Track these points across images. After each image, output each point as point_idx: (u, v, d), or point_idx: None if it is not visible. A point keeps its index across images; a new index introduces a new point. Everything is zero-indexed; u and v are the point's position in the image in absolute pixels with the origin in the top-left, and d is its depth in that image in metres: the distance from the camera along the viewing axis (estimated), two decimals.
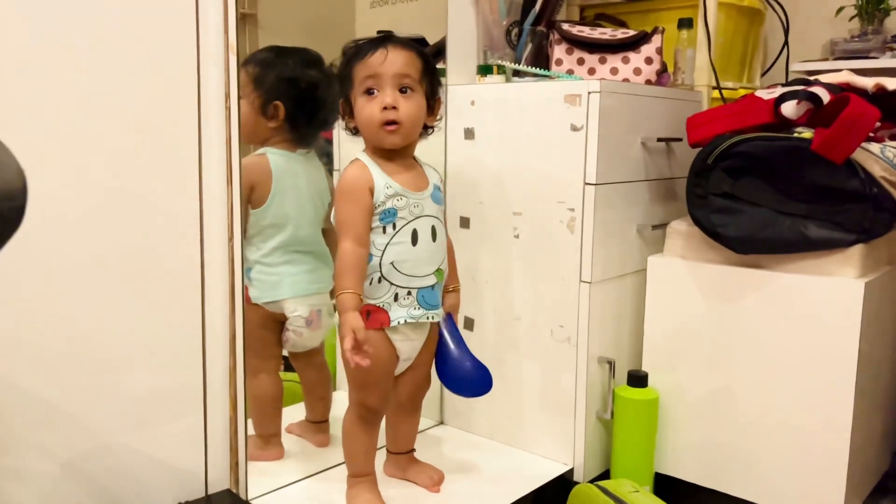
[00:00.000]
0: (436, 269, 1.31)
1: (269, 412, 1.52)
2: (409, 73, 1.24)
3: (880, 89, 1.47)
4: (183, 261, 1.19)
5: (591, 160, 1.43)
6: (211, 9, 1.17)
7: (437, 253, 1.31)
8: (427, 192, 1.30)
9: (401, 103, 1.23)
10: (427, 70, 1.28)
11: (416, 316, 1.28)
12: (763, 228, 1.40)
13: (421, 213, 1.28)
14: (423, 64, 1.27)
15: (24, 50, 1.00)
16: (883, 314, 1.46)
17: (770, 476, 1.42)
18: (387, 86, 1.24)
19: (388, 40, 1.26)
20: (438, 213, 1.32)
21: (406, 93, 1.24)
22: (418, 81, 1.26)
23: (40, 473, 1.09)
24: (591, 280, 1.46)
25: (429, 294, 1.30)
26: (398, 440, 1.45)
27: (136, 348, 1.16)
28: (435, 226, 1.30)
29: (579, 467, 1.53)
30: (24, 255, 1.02)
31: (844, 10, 1.96)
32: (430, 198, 1.30)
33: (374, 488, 1.36)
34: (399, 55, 1.24)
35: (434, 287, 1.31)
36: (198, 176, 1.19)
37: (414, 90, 1.25)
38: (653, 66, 1.61)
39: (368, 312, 1.26)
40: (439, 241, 1.31)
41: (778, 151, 1.38)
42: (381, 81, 1.23)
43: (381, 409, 1.34)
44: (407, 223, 1.27)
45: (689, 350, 1.50)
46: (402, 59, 1.24)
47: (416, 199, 1.27)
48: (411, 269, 1.27)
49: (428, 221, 1.29)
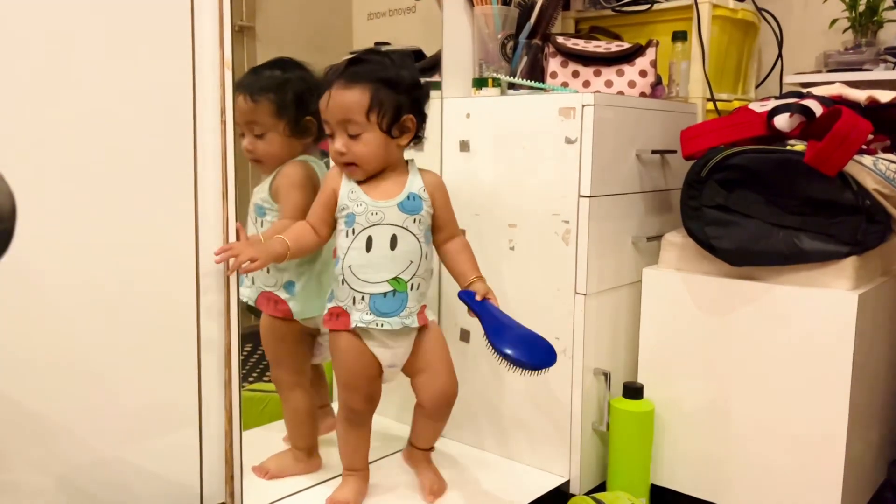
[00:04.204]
0: (392, 278, 1.30)
1: (308, 424, 1.53)
2: (351, 116, 1.26)
3: (873, 102, 1.48)
4: (178, 274, 1.20)
5: (586, 172, 1.44)
6: (206, 24, 1.18)
7: (396, 262, 1.30)
8: (394, 200, 1.30)
9: (349, 146, 1.27)
10: (375, 102, 1.25)
11: (367, 321, 1.31)
12: (757, 240, 1.40)
13: (379, 221, 1.29)
14: (369, 98, 1.25)
15: (18, 67, 1.01)
16: (877, 326, 1.46)
17: (765, 488, 1.42)
18: (335, 130, 1.28)
19: (337, 78, 1.27)
20: (406, 222, 1.30)
21: (355, 137, 1.27)
22: (364, 120, 1.26)
23: (35, 487, 1.09)
24: (586, 292, 1.47)
25: (381, 301, 1.30)
26: (415, 434, 1.46)
27: (132, 361, 1.16)
28: (397, 234, 1.30)
29: (575, 479, 1.53)
30: (19, 270, 1.02)
31: (838, 23, 1.97)
32: (396, 206, 1.30)
33: (359, 483, 1.41)
34: (340, 98, 1.26)
35: (388, 295, 1.30)
36: (193, 190, 1.20)
37: (361, 130, 1.26)
38: (647, 79, 1.61)
39: (337, 315, 1.33)
40: (401, 251, 1.30)
41: (771, 164, 1.39)
42: (330, 126, 1.29)
43: (364, 411, 1.38)
44: (363, 229, 1.30)
45: (684, 362, 1.51)
46: (342, 103, 1.26)
47: (375, 207, 1.29)
48: (364, 275, 1.30)
49: (387, 230, 1.30)
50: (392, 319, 1.31)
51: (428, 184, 1.34)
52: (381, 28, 2.33)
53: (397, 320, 1.31)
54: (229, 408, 1.27)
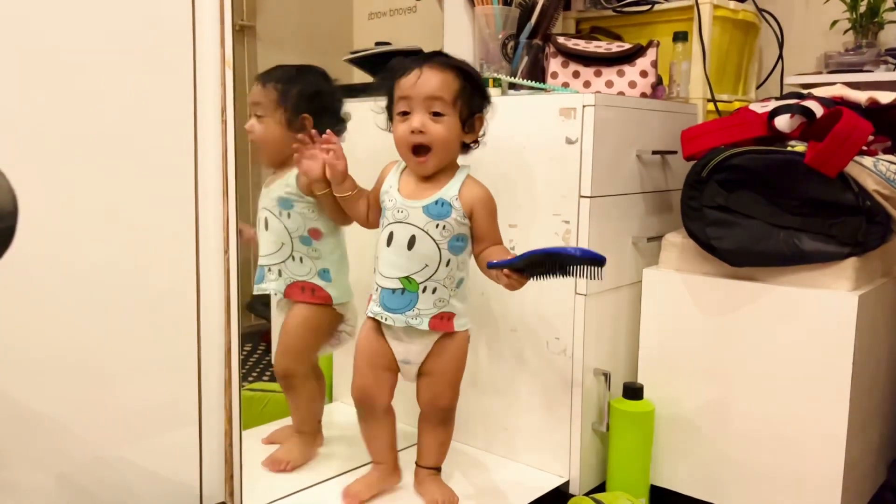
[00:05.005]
0: (404, 276, 1.31)
1: (319, 409, 1.60)
2: (441, 95, 1.26)
3: (873, 103, 1.48)
4: (178, 273, 1.20)
5: (586, 173, 1.44)
6: (207, 23, 1.18)
7: (412, 262, 1.31)
8: (420, 202, 1.31)
9: (429, 126, 1.27)
10: (464, 90, 1.28)
11: (375, 312, 1.34)
12: (757, 241, 1.40)
13: (403, 220, 1.31)
14: (460, 84, 1.28)
15: (18, 67, 1.01)
16: (877, 326, 1.46)
17: (765, 488, 1.42)
18: (416, 108, 1.27)
19: (431, 60, 1.29)
20: (428, 225, 1.30)
21: (438, 117, 1.27)
22: (451, 103, 1.27)
23: (35, 486, 1.09)
24: (586, 292, 1.47)
25: (389, 297, 1.32)
26: (418, 450, 1.45)
27: (132, 360, 1.16)
28: (416, 235, 1.30)
29: (575, 480, 1.53)
30: (20, 269, 1.02)
31: (839, 24, 1.97)
32: (421, 208, 1.30)
33: (377, 476, 1.42)
34: (434, 76, 1.27)
35: (397, 292, 1.31)
36: (194, 189, 1.20)
37: (446, 111, 1.27)
38: (648, 79, 1.61)
39: (369, 300, 1.38)
40: (417, 252, 1.30)
41: (772, 165, 1.39)
42: (410, 103, 1.28)
43: (367, 401, 1.39)
44: (389, 224, 1.33)
45: (684, 362, 1.51)
46: (435, 82, 1.26)
47: (402, 205, 1.31)
48: (382, 268, 1.33)
49: (408, 229, 1.30)
50: (397, 316, 1.31)
51: (466, 194, 1.31)
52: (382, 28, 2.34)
53: (402, 318, 1.31)
54: (229, 407, 1.27)
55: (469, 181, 1.34)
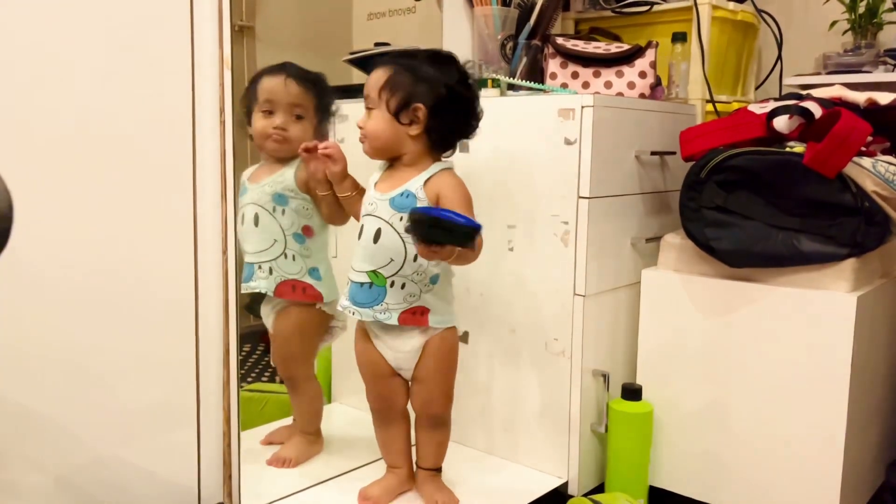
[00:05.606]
0: (370, 270, 1.31)
1: (321, 409, 1.61)
2: (369, 93, 1.31)
3: (872, 104, 1.48)
4: (177, 274, 1.20)
5: (585, 174, 1.44)
6: (206, 24, 1.18)
7: (378, 256, 1.30)
8: (388, 195, 1.31)
9: (365, 121, 1.31)
10: (389, 83, 1.28)
11: (345, 306, 1.35)
12: (756, 242, 1.40)
13: (372, 213, 1.32)
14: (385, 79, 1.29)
15: (17, 65, 1.01)
16: (876, 327, 1.46)
17: (764, 489, 1.42)
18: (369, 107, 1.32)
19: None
20: (393, 218, 1.29)
21: (369, 112, 1.31)
22: (377, 97, 1.29)
23: (33, 486, 1.09)
24: (585, 293, 1.47)
25: (357, 291, 1.33)
26: (417, 452, 1.45)
27: (130, 361, 1.16)
28: (381, 229, 1.30)
29: (573, 480, 1.53)
30: (18, 270, 1.02)
31: (837, 24, 1.97)
32: (388, 202, 1.30)
33: (391, 481, 1.42)
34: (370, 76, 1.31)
35: (364, 286, 1.31)
36: (192, 189, 1.20)
37: (374, 106, 1.30)
38: (647, 80, 1.62)
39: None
40: (382, 245, 1.30)
41: (770, 165, 1.39)
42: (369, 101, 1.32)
43: (379, 409, 1.41)
44: (363, 217, 1.34)
45: (683, 363, 1.51)
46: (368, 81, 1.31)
47: (373, 199, 1.33)
48: (353, 262, 1.35)
49: (375, 222, 1.31)
50: (364, 310, 1.32)
51: (432, 183, 1.29)
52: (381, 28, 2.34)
53: (369, 312, 1.32)
54: (228, 408, 1.27)
55: (441, 173, 1.31)
